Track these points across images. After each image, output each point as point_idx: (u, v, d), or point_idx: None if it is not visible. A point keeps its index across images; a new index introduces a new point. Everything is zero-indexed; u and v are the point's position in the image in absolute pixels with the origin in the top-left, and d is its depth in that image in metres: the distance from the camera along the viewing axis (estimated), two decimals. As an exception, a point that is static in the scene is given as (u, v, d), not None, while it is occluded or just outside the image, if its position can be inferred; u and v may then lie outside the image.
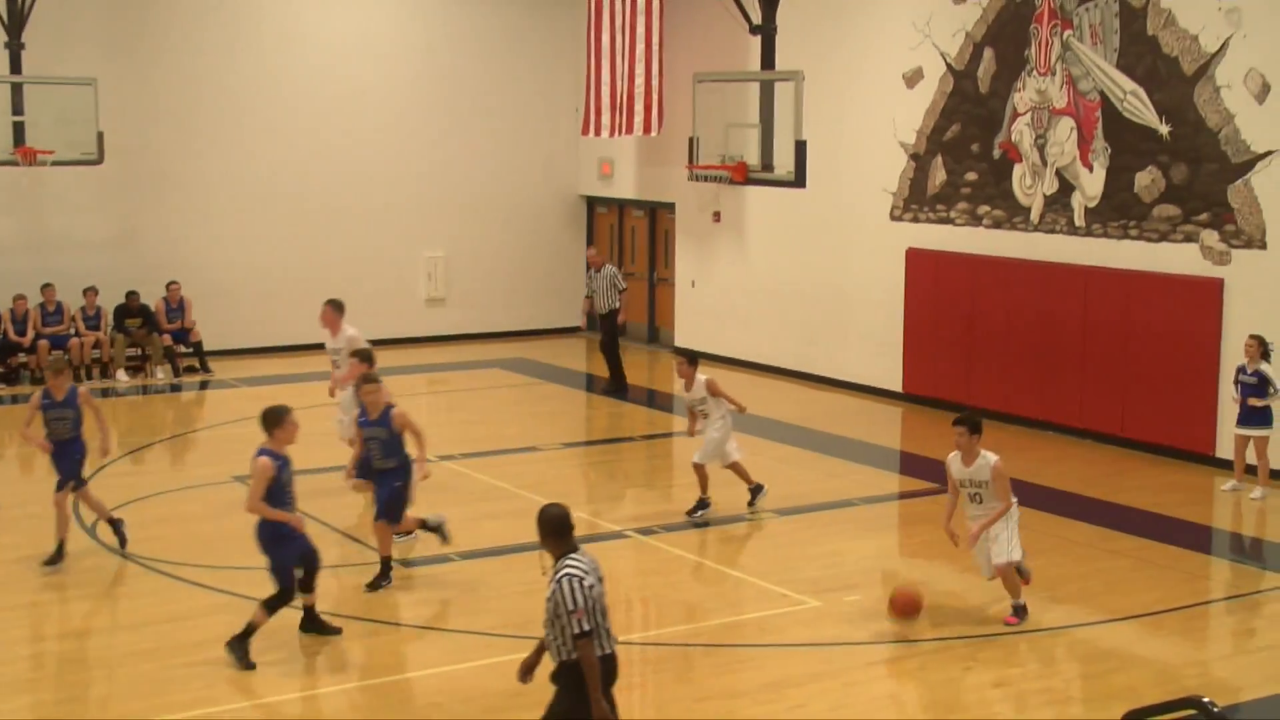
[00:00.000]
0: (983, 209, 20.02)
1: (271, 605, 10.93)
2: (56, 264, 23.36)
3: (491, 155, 26.86)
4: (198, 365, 23.55)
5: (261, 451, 11.00)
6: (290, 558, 11.04)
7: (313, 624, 11.44)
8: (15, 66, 22.35)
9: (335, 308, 16.25)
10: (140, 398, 21.98)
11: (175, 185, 24.38)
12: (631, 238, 27.23)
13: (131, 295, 23.40)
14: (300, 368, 23.20)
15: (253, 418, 19.75)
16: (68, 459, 13.42)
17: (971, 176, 20.13)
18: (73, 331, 22.92)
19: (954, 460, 11.91)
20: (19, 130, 22.08)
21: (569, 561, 7.89)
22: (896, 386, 21.30)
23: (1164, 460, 17.60)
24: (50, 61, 22.66)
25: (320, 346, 16.72)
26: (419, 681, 10.54)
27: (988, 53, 19.80)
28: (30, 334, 22.65)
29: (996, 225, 19.82)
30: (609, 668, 7.99)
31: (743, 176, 21.49)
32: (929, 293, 20.71)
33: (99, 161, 22.55)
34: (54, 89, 22.31)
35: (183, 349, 23.52)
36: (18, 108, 22.14)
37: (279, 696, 10.45)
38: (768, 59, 21.62)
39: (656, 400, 22.29)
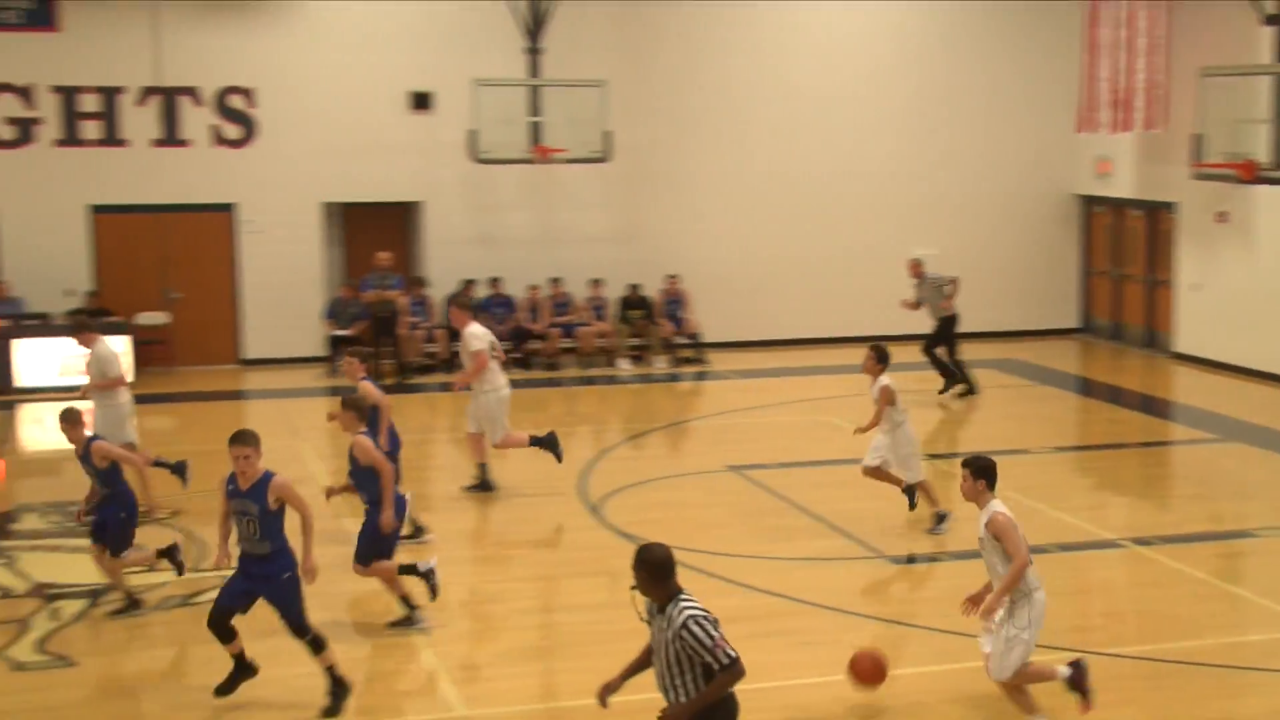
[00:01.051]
0: None
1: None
2: (565, 256, 24.72)
3: (983, 153, 26.59)
4: (695, 356, 24.42)
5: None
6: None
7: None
8: (534, 70, 23.82)
9: (458, 305, 16.30)
10: (641, 386, 23.01)
11: (676, 182, 25.35)
12: (1129, 239, 26.36)
13: (634, 288, 24.55)
14: (793, 361, 23.71)
15: (746, 409, 20.55)
16: (103, 518, 12.05)
17: None
18: (580, 321, 24.21)
19: None
20: (535, 130, 23.48)
21: (685, 603, 7.47)
22: None
23: None
24: (565, 65, 23.98)
25: (814, 341, 17.00)
26: (905, 680, 10.61)
27: None
28: (543, 322, 24.11)
29: None
30: (731, 703, 7.59)
31: (1251, 175, 20.51)
32: None
33: (606, 159, 23.71)
34: (567, 90, 23.59)
35: (681, 340, 24.45)
36: (535, 109, 23.54)
37: (755, 685, 10.69)
38: (1283, 51, 20.60)
39: (1153, 407, 21.54)
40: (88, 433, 12.00)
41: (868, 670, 10.02)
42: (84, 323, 15.48)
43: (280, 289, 23.97)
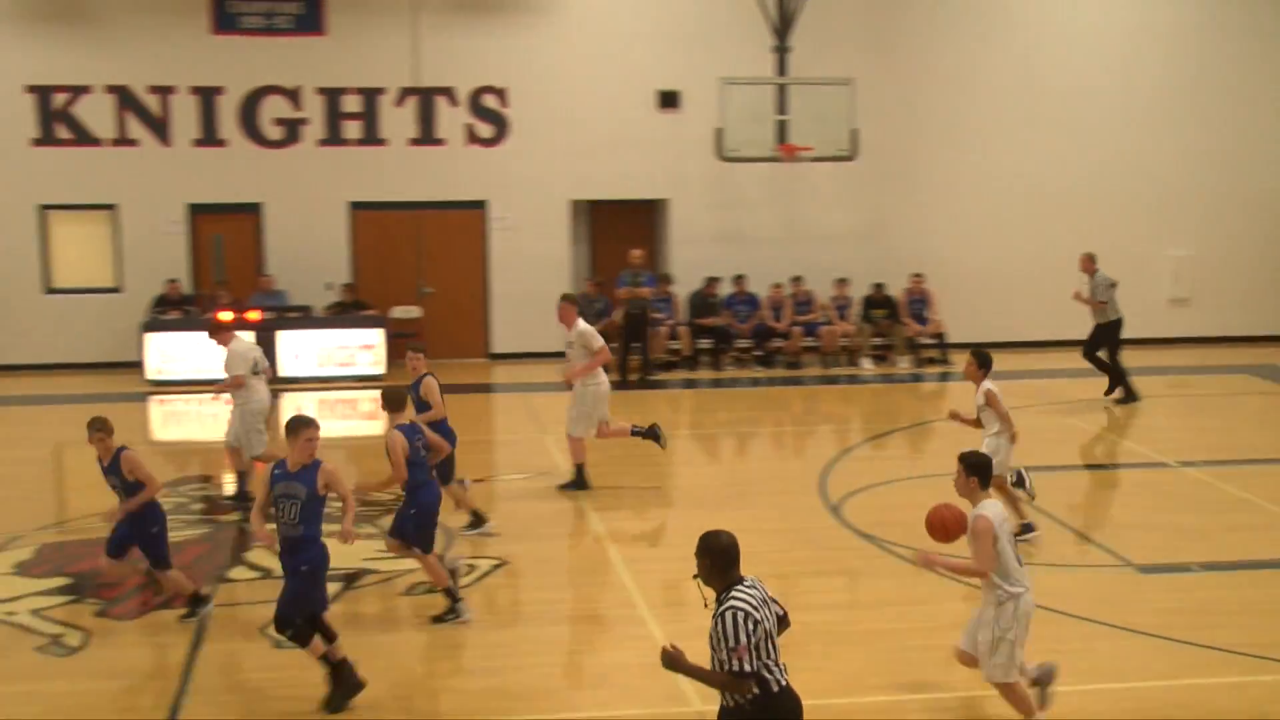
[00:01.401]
0: None
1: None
2: (808, 254, 24.73)
3: (1236, 149, 25.77)
4: (939, 356, 24.17)
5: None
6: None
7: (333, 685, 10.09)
8: (781, 69, 23.88)
9: (570, 301, 16.03)
10: (883, 386, 22.88)
11: (922, 181, 25.14)
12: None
13: (878, 287, 24.41)
14: (1039, 364, 23.28)
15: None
16: (126, 528, 11.61)
17: None
18: (823, 319, 24.18)
19: None
20: (782, 128, 23.53)
21: (735, 593, 7.25)
22: None
23: None
24: (812, 63, 23.98)
25: (1061, 343, 16.68)
26: (1147, 692, 10.34)
27: None
28: (785, 321, 24.16)
29: None
30: (790, 703, 7.28)
31: None
32: None
33: (852, 158, 23.63)
34: (814, 88, 23.59)
35: (925, 340, 24.23)
36: (782, 107, 23.60)
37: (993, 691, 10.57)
38: None
39: None
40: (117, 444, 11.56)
41: (930, 524, 9.92)
42: (222, 324, 16.01)
43: (528, 284, 24.51)
